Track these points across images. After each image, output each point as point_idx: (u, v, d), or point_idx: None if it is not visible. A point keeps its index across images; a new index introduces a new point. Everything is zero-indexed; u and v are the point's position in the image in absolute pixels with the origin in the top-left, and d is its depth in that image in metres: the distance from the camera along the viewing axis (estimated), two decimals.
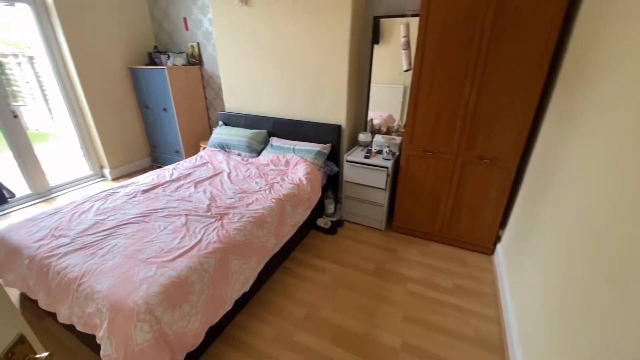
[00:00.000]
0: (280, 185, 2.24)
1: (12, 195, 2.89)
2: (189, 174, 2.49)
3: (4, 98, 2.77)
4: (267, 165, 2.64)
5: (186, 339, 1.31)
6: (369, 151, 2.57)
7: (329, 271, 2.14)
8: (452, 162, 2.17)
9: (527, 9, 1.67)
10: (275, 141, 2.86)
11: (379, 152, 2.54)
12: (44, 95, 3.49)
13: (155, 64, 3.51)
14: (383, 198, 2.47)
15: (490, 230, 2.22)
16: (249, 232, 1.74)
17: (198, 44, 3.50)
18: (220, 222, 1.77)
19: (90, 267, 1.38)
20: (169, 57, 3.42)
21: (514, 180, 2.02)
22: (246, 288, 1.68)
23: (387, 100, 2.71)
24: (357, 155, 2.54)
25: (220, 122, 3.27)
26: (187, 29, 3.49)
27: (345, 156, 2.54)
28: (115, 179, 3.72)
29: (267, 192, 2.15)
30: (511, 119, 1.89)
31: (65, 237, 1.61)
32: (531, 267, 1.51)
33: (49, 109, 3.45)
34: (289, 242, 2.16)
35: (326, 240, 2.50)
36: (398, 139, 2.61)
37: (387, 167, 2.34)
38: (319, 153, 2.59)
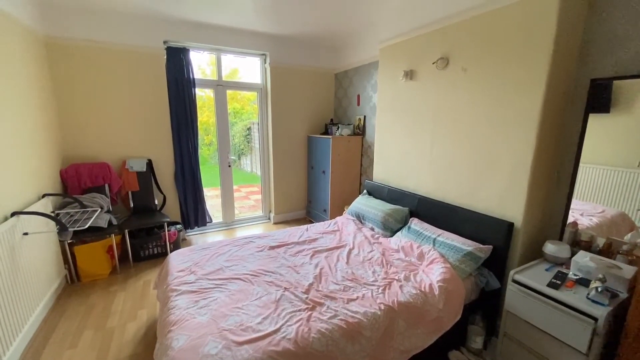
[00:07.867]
0: (401, 287, 1.72)
1: (210, 220, 3.90)
2: (315, 240, 2.43)
3: (227, 153, 3.93)
4: (397, 251, 2.18)
5: None
6: (562, 275, 1.59)
7: None
8: None
9: None
10: (415, 223, 2.37)
11: (582, 282, 1.52)
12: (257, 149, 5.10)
13: (328, 134, 4.00)
14: None
15: None
16: (334, 342, 1.35)
17: (364, 117, 3.72)
18: (310, 312, 1.49)
19: (184, 317, 1.45)
20: (338, 128, 3.82)
21: None
22: None
23: (617, 190, 1.67)
24: (537, 275, 1.63)
25: (365, 191, 3.16)
26: (358, 104, 3.83)
27: (513, 272, 1.69)
28: (275, 223, 4.34)
29: (379, 290, 1.69)
30: None
31: (194, 275, 1.85)
32: None
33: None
34: None
35: None
36: (629, 270, 1.48)
37: (595, 318, 1.32)
38: (469, 255, 1.88)
